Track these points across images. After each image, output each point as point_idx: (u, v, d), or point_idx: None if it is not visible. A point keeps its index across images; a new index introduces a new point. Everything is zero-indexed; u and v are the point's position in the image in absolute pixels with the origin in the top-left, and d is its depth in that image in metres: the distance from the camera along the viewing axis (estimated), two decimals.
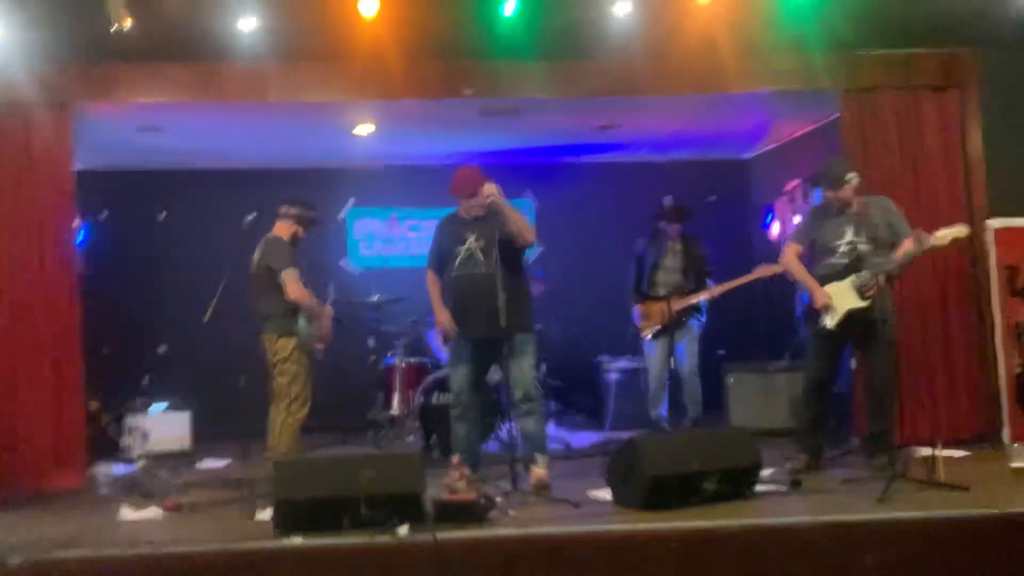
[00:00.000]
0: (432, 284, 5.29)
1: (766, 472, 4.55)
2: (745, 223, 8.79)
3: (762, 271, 6.47)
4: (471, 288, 4.97)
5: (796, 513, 3.94)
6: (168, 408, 7.03)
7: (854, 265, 4.92)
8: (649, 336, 6.56)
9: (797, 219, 7.29)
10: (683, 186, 8.50)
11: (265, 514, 4.25)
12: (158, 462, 6.21)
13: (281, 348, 5.16)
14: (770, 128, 7.94)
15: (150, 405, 6.97)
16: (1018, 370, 5.74)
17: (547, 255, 8.31)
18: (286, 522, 3.85)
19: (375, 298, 6.62)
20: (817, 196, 6.98)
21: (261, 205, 7.58)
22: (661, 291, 6.54)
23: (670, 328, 6.44)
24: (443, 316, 5.16)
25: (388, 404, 6.80)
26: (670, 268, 6.57)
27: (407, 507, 3.84)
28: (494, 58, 5.52)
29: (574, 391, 7.86)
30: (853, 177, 4.99)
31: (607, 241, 8.45)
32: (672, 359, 6.42)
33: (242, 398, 7.69)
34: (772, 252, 7.83)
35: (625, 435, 6.77)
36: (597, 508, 4.19)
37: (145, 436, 6.76)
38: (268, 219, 5.35)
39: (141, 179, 8.01)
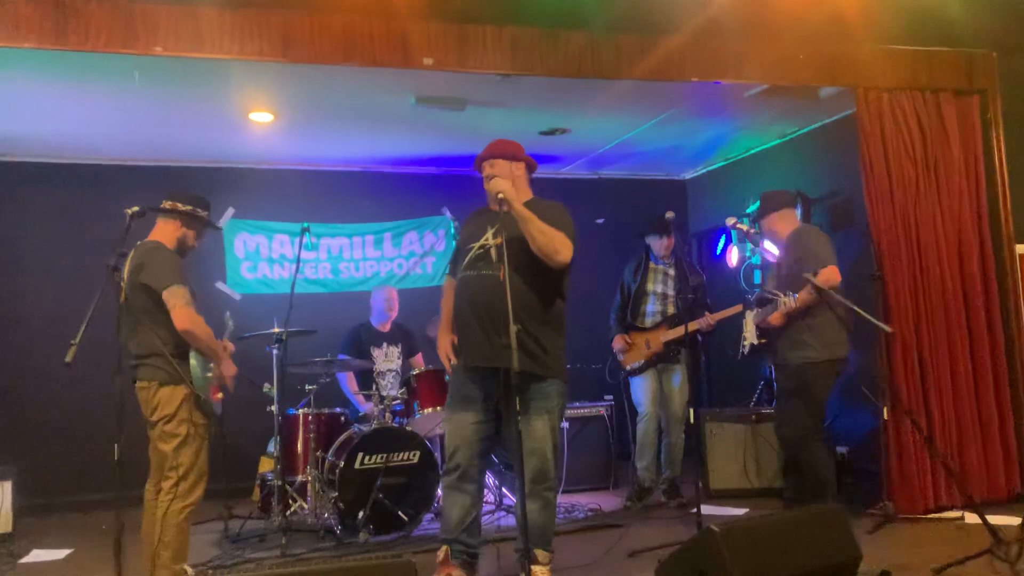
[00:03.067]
0: (446, 295, 3.95)
1: None
2: (683, 248, 7.90)
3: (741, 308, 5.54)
4: (477, 293, 3.61)
5: None
6: None
7: (764, 303, 4.64)
8: (630, 369, 5.51)
9: (769, 245, 6.42)
10: (617, 206, 7.64)
11: None
12: None
13: (165, 401, 3.61)
14: (718, 148, 7.14)
15: None
16: None
17: None
18: None
19: (278, 331, 5.10)
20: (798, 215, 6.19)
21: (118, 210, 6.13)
22: (648, 321, 5.47)
23: (656, 364, 5.43)
24: (443, 339, 3.82)
25: (292, 467, 5.28)
26: (660, 295, 5.52)
27: None
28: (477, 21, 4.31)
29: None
30: (768, 213, 4.72)
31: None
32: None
33: (88, 461, 6.07)
34: (727, 281, 6.99)
35: (583, 499, 5.70)
36: None
37: None
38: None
39: None
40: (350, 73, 4.75)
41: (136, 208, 3.37)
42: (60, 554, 4.75)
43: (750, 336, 4.74)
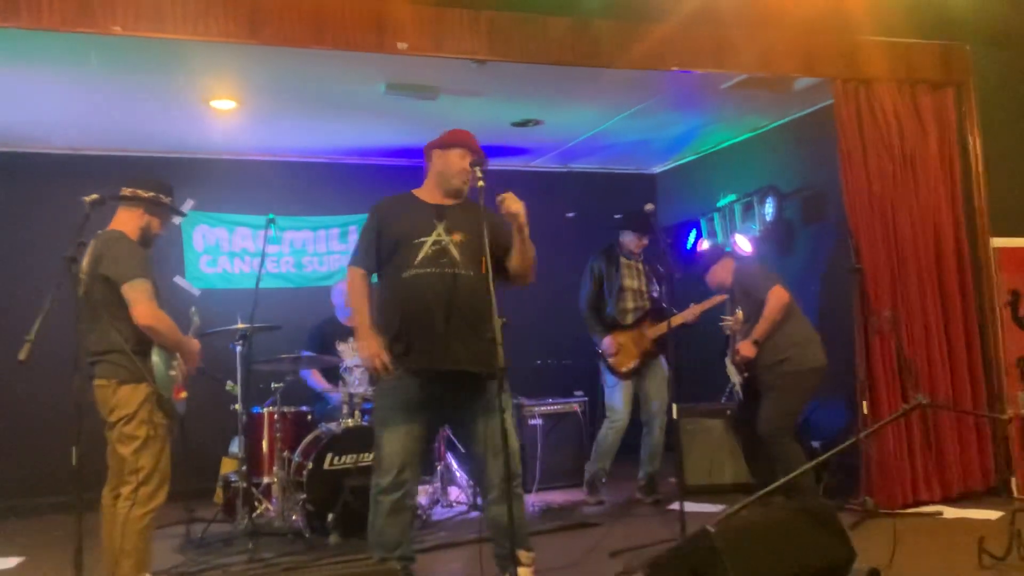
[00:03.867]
0: (360, 287, 3.50)
1: None
2: (663, 244, 7.83)
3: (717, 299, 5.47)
4: (442, 292, 3.36)
5: None
6: None
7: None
8: (625, 372, 5.35)
9: (740, 239, 6.37)
10: (587, 200, 7.54)
11: None
12: None
13: (124, 401, 3.40)
14: (689, 141, 7.08)
15: None
16: None
17: None
18: None
19: (242, 326, 4.89)
20: (770, 209, 6.16)
21: (76, 203, 5.84)
22: (630, 318, 5.36)
23: (643, 363, 5.37)
24: (373, 341, 3.37)
25: (257, 468, 5.07)
26: (636, 291, 5.42)
27: None
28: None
29: None
30: (714, 264, 5.11)
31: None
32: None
33: (40, 464, 5.77)
34: (697, 276, 6.90)
35: (557, 497, 5.59)
36: None
37: None
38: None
39: None
40: (319, 58, 4.57)
41: (95, 196, 3.15)
42: (11, 562, 4.50)
43: (734, 377, 5.01)
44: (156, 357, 3.48)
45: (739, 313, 4.82)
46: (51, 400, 5.60)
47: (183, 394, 3.61)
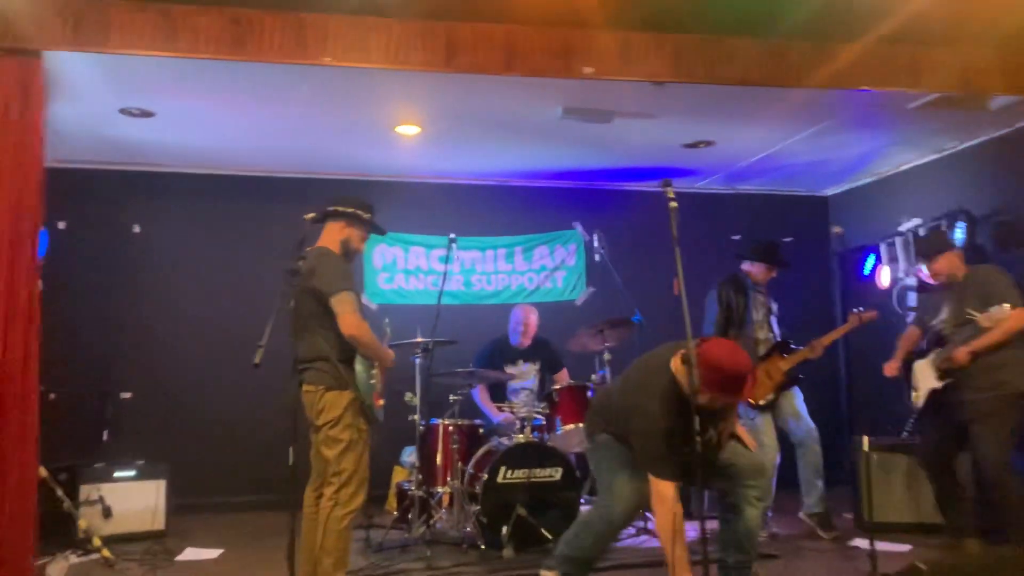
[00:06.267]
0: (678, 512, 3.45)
1: None
2: (824, 269, 7.58)
3: (855, 320, 5.35)
4: None
5: None
6: (136, 474, 5.35)
7: (940, 345, 4.58)
8: (763, 404, 5.22)
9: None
10: (753, 222, 7.39)
11: None
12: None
13: (330, 405, 3.62)
14: (868, 163, 6.80)
15: (113, 471, 5.29)
16: None
17: (597, 297, 7.21)
18: None
19: (422, 340, 5.12)
20: (960, 234, 5.82)
21: (272, 218, 6.25)
22: (762, 349, 5.29)
23: (777, 395, 5.26)
24: None
25: (432, 478, 5.25)
26: (760, 323, 5.35)
27: None
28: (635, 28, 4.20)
29: None
30: (943, 253, 4.58)
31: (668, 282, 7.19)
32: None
33: (234, 463, 6.24)
34: (876, 303, 6.59)
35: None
36: None
37: (106, 513, 5.12)
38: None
39: (113, 180, 6.46)
40: (500, 84, 4.72)
41: (313, 214, 3.41)
42: (213, 553, 4.86)
43: (926, 383, 4.60)
44: (359, 366, 3.69)
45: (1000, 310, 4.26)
46: (249, 403, 6.09)
47: (381, 401, 3.81)
